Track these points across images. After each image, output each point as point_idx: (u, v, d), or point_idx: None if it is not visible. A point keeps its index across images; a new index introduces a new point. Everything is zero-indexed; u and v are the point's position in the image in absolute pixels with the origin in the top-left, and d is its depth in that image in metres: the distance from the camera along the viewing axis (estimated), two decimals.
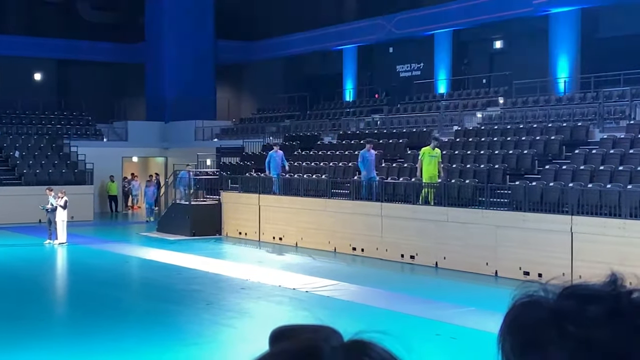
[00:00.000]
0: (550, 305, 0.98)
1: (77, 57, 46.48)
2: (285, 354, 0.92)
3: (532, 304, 1.00)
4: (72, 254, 24.61)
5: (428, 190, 21.57)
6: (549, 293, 1.00)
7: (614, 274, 1.00)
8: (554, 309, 0.97)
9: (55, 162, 36.72)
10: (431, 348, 12.32)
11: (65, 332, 14.37)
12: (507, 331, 1.02)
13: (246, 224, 27.57)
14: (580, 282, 1.00)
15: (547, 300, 0.99)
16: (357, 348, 0.93)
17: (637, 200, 17.11)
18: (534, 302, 1.00)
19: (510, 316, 1.03)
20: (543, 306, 0.98)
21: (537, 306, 0.99)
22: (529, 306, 1.00)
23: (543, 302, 0.99)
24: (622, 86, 26.13)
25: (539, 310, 0.98)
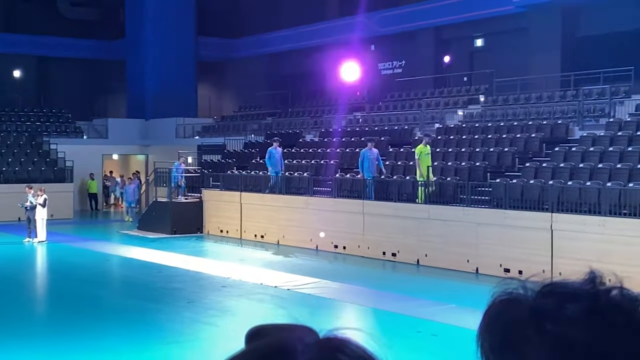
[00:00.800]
0: (529, 303, 0.98)
1: (57, 54, 46.22)
2: (257, 351, 0.91)
3: (511, 302, 0.99)
4: (52, 253, 24.46)
5: (425, 189, 21.48)
6: (528, 291, 1.00)
7: (592, 272, 1.00)
8: (532, 307, 0.97)
9: (35, 159, 36.48)
10: (412, 345, 12.35)
11: (45, 331, 14.28)
12: (486, 329, 1.01)
13: (228, 221, 27.51)
14: (559, 280, 0.99)
15: (526, 298, 0.99)
16: (331, 345, 0.92)
17: (616, 197, 17.23)
18: (513, 299, 1.00)
19: (489, 314, 1.02)
20: (522, 304, 0.98)
21: (516, 304, 0.99)
22: (507, 304, 1.00)
23: (522, 300, 0.99)
24: (601, 84, 26.28)
25: (518, 308, 0.98)
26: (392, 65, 38.90)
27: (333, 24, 40.01)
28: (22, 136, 38.66)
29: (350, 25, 38.63)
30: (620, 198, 17.20)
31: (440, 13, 34.41)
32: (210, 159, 33.27)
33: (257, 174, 27.58)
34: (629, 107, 23.99)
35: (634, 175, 18.31)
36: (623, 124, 22.09)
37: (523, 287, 1.00)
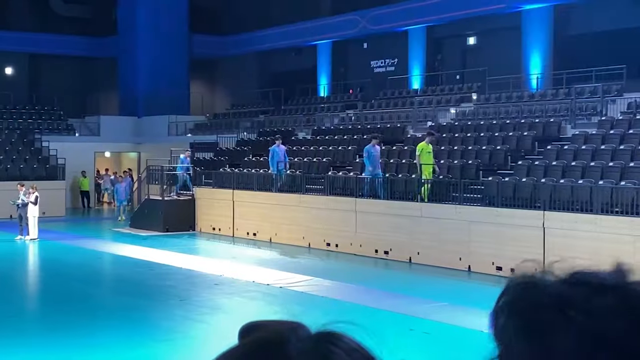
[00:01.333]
0: (557, 290, 0.95)
1: (49, 51, 46.07)
2: (251, 344, 0.91)
3: (537, 287, 0.97)
4: (44, 250, 24.39)
5: (427, 187, 21.43)
6: (552, 276, 0.98)
7: (620, 264, 0.98)
8: (560, 294, 0.95)
9: (27, 157, 36.38)
10: (405, 343, 12.35)
11: (36, 328, 14.25)
12: (511, 312, 0.97)
13: (220, 219, 27.49)
14: (587, 270, 0.98)
15: (552, 285, 0.96)
16: (325, 338, 0.91)
17: (608, 195, 17.27)
18: (539, 284, 0.97)
19: (511, 295, 0.98)
20: (549, 291, 0.96)
21: (543, 290, 0.96)
22: (533, 288, 0.97)
23: (548, 286, 0.96)
24: (594, 82, 26.34)
25: (545, 294, 0.95)
26: (385, 63, 38.92)
27: (325, 22, 40.00)
28: (14, 133, 38.54)
29: (343, 22, 38.64)
30: (612, 196, 17.24)
31: (433, 11, 34.42)
32: (203, 156, 33.24)
33: (249, 172, 27.56)
34: (621, 105, 24.06)
35: (626, 174, 18.36)
36: (615, 123, 22.15)
37: (547, 273, 0.99)
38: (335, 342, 0.91)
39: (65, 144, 37.91)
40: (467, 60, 35.68)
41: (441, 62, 36.32)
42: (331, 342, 0.91)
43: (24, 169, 34.87)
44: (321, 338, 0.92)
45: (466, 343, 12.56)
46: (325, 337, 0.92)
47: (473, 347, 12.28)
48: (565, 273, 0.98)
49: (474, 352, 10.86)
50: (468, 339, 12.71)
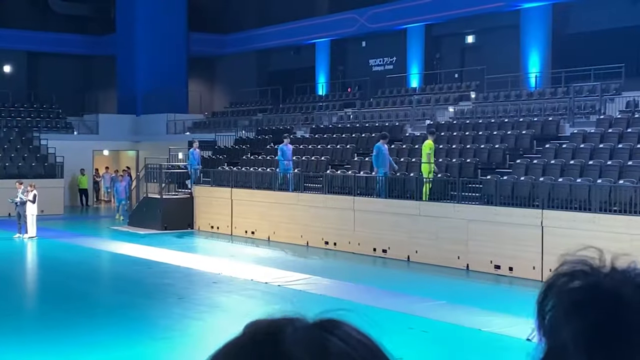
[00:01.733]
0: (632, 299, 0.85)
1: (47, 49, 46.05)
2: (246, 336, 0.90)
3: (604, 289, 0.87)
4: (42, 248, 24.38)
5: (428, 186, 21.37)
6: (621, 277, 0.88)
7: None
8: (633, 304, 0.84)
9: (25, 155, 36.35)
10: (403, 341, 12.35)
11: (34, 326, 14.24)
12: (569, 313, 0.86)
13: (218, 217, 27.48)
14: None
15: (623, 291, 0.86)
16: (322, 326, 0.90)
17: (606, 194, 17.27)
18: (606, 287, 0.87)
19: (573, 292, 0.88)
20: (621, 299, 0.85)
21: (612, 296, 0.85)
22: (598, 292, 0.86)
23: (619, 292, 0.86)
24: (592, 81, 26.34)
25: (617, 303, 0.85)
26: (383, 61, 38.92)
27: (324, 20, 39.98)
28: (12, 132, 38.51)
29: (341, 21, 38.63)
30: (610, 195, 17.25)
31: (431, 9, 34.42)
32: (201, 155, 33.18)
33: (247, 170, 27.54)
34: (620, 104, 24.06)
35: (624, 172, 18.36)
36: (613, 121, 22.15)
37: (610, 268, 0.90)
38: (333, 329, 0.89)
39: (64, 142, 37.89)
40: (465, 59, 35.68)
41: (440, 60, 36.31)
42: (328, 330, 0.89)
43: (23, 167, 34.84)
44: (318, 326, 0.90)
45: (465, 341, 12.57)
46: (322, 325, 0.90)
47: (472, 346, 12.29)
48: (634, 273, 0.88)
49: (473, 351, 10.90)
50: (466, 337, 12.72)
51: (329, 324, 0.90)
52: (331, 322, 0.90)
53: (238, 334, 0.92)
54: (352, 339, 0.88)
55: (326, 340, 0.88)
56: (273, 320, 0.91)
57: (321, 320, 0.91)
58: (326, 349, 0.87)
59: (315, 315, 0.92)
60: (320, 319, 0.91)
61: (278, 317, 0.92)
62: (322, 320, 0.91)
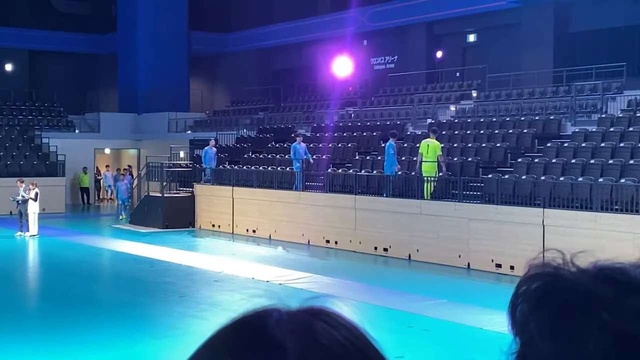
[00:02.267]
0: (585, 288, 0.89)
1: (49, 47, 46.08)
2: (231, 326, 0.91)
3: (563, 281, 0.91)
4: (44, 246, 24.40)
5: (432, 185, 21.32)
6: (576, 269, 0.92)
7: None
8: (589, 292, 0.89)
9: (27, 153, 36.38)
10: (404, 340, 12.36)
11: (36, 324, 14.26)
12: (533, 306, 0.91)
13: (219, 216, 27.49)
14: (614, 265, 0.92)
15: (580, 281, 0.90)
16: (310, 312, 0.90)
17: (608, 193, 17.27)
18: (564, 279, 0.91)
19: (536, 288, 0.92)
20: (575, 287, 0.90)
21: (569, 286, 0.90)
22: (558, 283, 0.91)
23: (575, 282, 0.90)
24: (594, 80, 26.33)
25: (572, 291, 0.89)
26: (385, 60, 38.90)
27: (325, 19, 39.97)
28: (14, 130, 38.54)
29: (343, 20, 38.61)
30: (612, 194, 17.24)
31: (433, 8, 34.41)
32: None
33: (249, 169, 27.55)
34: (621, 103, 24.05)
35: (626, 171, 18.36)
36: (615, 120, 22.15)
37: (569, 264, 0.93)
38: (317, 314, 0.89)
39: (65, 141, 37.91)
40: (467, 58, 35.66)
41: (441, 59, 36.29)
42: (316, 317, 0.89)
43: (24, 165, 34.87)
44: (302, 311, 0.90)
45: (465, 340, 12.57)
46: (306, 310, 0.90)
47: (472, 344, 12.29)
48: (590, 266, 0.92)
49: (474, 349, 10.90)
50: (467, 336, 12.72)
51: (313, 310, 0.90)
52: (315, 308, 0.91)
53: (223, 324, 0.93)
54: (336, 322, 0.89)
55: (310, 322, 0.88)
56: (258, 308, 0.92)
57: (305, 307, 0.91)
58: (311, 330, 0.87)
59: (300, 304, 0.92)
60: (305, 306, 0.91)
61: (264, 306, 0.92)
62: (306, 307, 0.91)
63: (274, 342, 0.86)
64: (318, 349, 0.86)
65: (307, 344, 0.86)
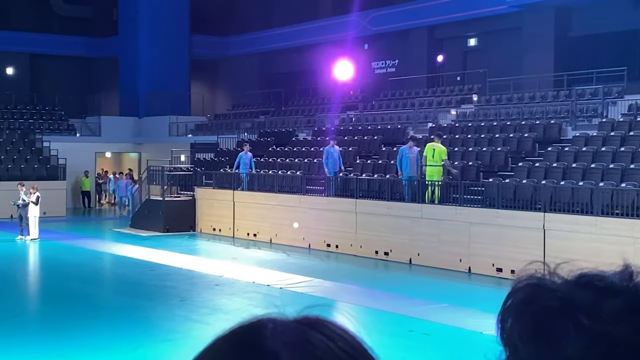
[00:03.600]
0: (564, 294, 0.92)
1: (50, 51, 46.12)
2: (227, 337, 0.90)
3: (543, 289, 0.94)
4: (44, 250, 24.40)
5: (430, 190, 21.17)
6: (559, 279, 0.95)
7: (628, 267, 0.95)
8: (568, 298, 0.92)
9: (28, 157, 36.40)
10: (404, 344, 12.36)
11: (37, 328, 14.26)
12: (515, 314, 0.94)
13: (220, 220, 27.49)
14: (594, 272, 0.95)
15: (559, 288, 0.93)
16: (305, 322, 0.90)
17: (608, 197, 17.27)
18: (545, 287, 0.94)
19: (519, 298, 0.95)
20: (555, 294, 0.93)
21: (549, 293, 0.93)
22: (539, 291, 0.94)
23: (555, 289, 0.93)
24: (594, 84, 26.34)
25: (552, 297, 0.92)
26: (386, 64, 38.91)
27: (326, 23, 40.00)
28: (15, 134, 38.57)
29: (344, 23, 38.63)
30: (612, 198, 17.24)
31: (434, 12, 34.44)
32: (203, 157, 33.23)
33: (250, 172, 27.53)
34: (622, 107, 24.06)
35: (627, 176, 18.36)
36: (616, 124, 22.15)
37: (554, 275, 0.96)
38: (312, 324, 0.89)
39: (66, 144, 37.92)
40: (468, 62, 35.68)
41: (442, 63, 36.31)
42: (307, 325, 0.89)
43: (25, 169, 34.88)
44: (298, 322, 0.90)
45: (466, 344, 12.56)
46: (302, 320, 0.90)
47: (473, 349, 12.28)
48: (572, 275, 0.95)
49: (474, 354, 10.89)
50: (468, 340, 12.71)
51: (308, 320, 0.90)
52: (311, 318, 0.90)
53: (219, 334, 0.93)
54: (331, 332, 0.89)
55: (305, 333, 0.88)
56: (254, 319, 0.91)
57: (301, 317, 0.91)
58: (306, 342, 0.87)
59: (296, 313, 0.92)
60: (301, 316, 0.91)
61: (259, 316, 0.92)
62: (302, 317, 0.91)
63: (268, 354, 0.86)
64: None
65: (302, 356, 0.86)
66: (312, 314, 0.92)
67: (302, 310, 0.93)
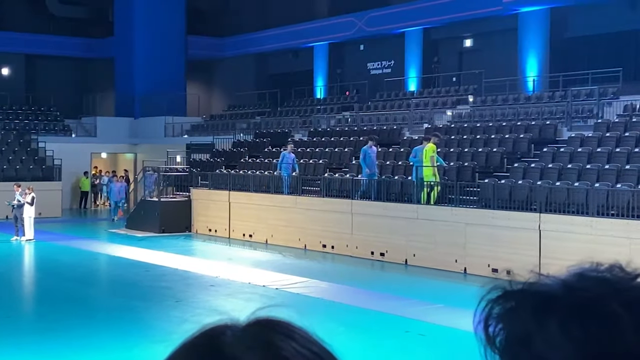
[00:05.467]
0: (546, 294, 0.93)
1: (46, 51, 46.05)
2: (183, 351, 0.90)
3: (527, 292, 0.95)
4: (40, 251, 24.37)
5: (433, 190, 21.10)
6: (549, 281, 0.95)
7: (614, 266, 0.97)
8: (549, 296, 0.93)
9: (23, 157, 36.34)
10: (400, 345, 12.36)
11: (32, 329, 14.23)
12: (500, 320, 0.95)
13: (216, 220, 27.47)
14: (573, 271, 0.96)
15: (541, 289, 0.94)
16: (262, 324, 0.89)
17: (604, 198, 17.29)
18: (530, 291, 0.95)
19: (504, 305, 0.95)
20: (537, 295, 0.94)
21: (531, 294, 0.94)
22: (525, 295, 0.95)
23: (537, 291, 0.94)
24: (590, 85, 26.38)
25: (534, 296, 0.93)
26: (381, 65, 38.95)
27: (322, 24, 40.02)
28: (10, 134, 38.51)
29: (339, 24, 38.66)
30: (608, 199, 17.27)
31: (430, 13, 34.46)
32: (199, 157, 33.22)
33: (245, 173, 27.56)
34: (617, 108, 24.09)
35: (622, 176, 18.39)
36: (611, 125, 22.18)
37: (541, 277, 0.96)
38: (273, 327, 0.89)
39: (62, 145, 37.87)
40: (463, 63, 35.71)
41: (438, 64, 36.34)
42: (270, 328, 0.89)
43: (21, 169, 34.83)
44: (258, 325, 0.90)
45: (462, 345, 12.56)
46: (262, 323, 0.90)
47: (468, 349, 12.30)
48: (559, 278, 0.95)
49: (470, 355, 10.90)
50: (464, 341, 12.71)
51: (265, 321, 0.90)
52: (266, 320, 0.90)
53: (174, 349, 0.90)
54: (290, 332, 0.89)
55: (266, 335, 0.88)
56: (206, 328, 0.91)
57: (255, 319, 0.91)
58: (268, 344, 0.87)
59: (249, 316, 0.91)
60: (255, 318, 0.91)
61: (212, 324, 0.91)
62: (256, 319, 0.91)
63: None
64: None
65: (267, 358, 0.86)
66: (263, 315, 0.91)
67: (253, 313, 0.92)
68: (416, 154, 21.81)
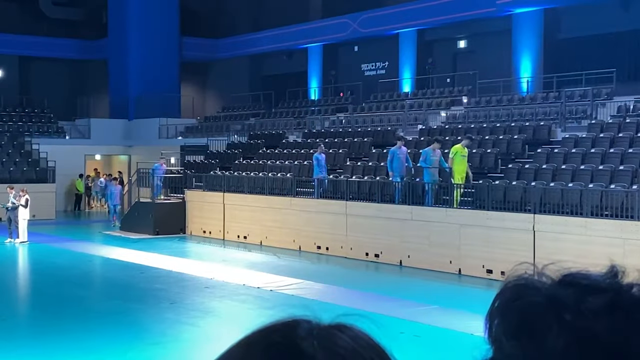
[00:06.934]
0: (548, 291, 0.95)
1: (39, 53, 45.97)
2: (259, 332, 0.93)
3: (528, 287, 0.97)
4: (34, 253, 24.31)
5: (458, 192, 20.74)
6: (545, 278, 0.97)
7: (614, 267, 0.97)
8: (552, 295, 0.94)
9: (17, 160, 36.26)
10: (395, 346, 12.33)
11: (27, 331, 14.20)
12: (501, 312, 0.97)
13: (210, 222, 27.45)
14: (579, 271, 0.97)
15: (544, 285, 0.96)
16: (335, 327, 0.94)
17: (598, 198, 17.33)
18: (530, 285, 0.97)
19: (505, 296, 0.98)
20: (540, 291, 0.95)
21: (534, 290, 0.96)
22: (524, 289, 0.97)
23: (540, 287, 0.96)
24: (583, 86, 26.44)
25: (536, 295, 0.95)
26: (376, 66, 38.96)
27: (316, 25, 40.02)
28: (4, 136, 38.42)
29: (334, 26, 38.67)
30: (601, 199, 17.30)
31: (424, 14, 34.48)
32: (193, 159, 33.19)
33: (240, 175, 27.54)
34: (611, 109, 24.14)
35: (616, 177, 18.43)
36: (605, 126, 22.23)
37: (540, 274, 0.98)
38: (344, 330, 0.94)
39: (56, 147, 37.79)
40: (457, 64, 35.75)
41: (432, 65, 36.37)
42: (339, 330, 0.93)
43: (14, 171, 34.75)
44: (335, 328, 0.94)
45: (456, 346, 12.57)
46: (334, 325, 0.95)
47: (463, 350, 12.30)
48: (558, 275, 0.97)
49: (465, 355, 10.87)
50: (458, 341, 12.73)
51: (340, 326, 0.95)
52: (342, 324, 0.95)
53: (250, 333, 0.94)
54: (361, 340, 0.94)
55: (337, 337, 0.92)
56: (287, 319, 0.95)
57: (335, 323, 0.95)
58: (336, 345, 0.91)
59: (329, 319, 0.96)
60: (333, 321, 0.95)
61: (291, 317, 0.95)
62: (336, 323, 0.95)
63: (303, 355, 0.89)
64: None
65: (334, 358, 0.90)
66: (346, 322, 0.96)
67: (336, 317, 0.96)
68: (426, 157, 21.52)
